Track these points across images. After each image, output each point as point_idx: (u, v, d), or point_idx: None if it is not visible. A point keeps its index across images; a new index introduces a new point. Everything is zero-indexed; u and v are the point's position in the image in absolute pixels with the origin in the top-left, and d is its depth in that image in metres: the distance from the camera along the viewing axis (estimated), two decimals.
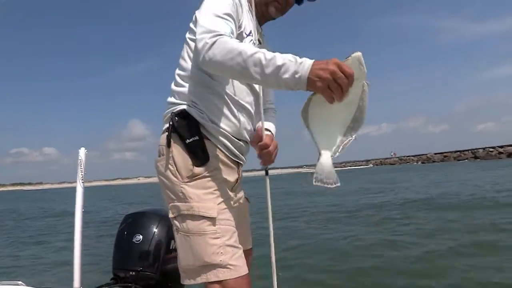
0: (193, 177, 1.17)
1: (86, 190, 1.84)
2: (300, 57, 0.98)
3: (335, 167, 1.04)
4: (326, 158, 1.04)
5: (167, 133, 1.21)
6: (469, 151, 64.05)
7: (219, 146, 1.23)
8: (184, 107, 1.23)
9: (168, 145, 1.20)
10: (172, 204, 1.19)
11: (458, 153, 66.10)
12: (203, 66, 1.14)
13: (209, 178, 1.18)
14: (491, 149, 58.28)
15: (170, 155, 1.20)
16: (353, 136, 1.04)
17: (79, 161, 1.83)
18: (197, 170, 1.18)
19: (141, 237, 1.81)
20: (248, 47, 1.04)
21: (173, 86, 1.29)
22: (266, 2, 1.36)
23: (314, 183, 1.04)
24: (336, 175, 1.04)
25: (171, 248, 1.79)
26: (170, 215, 1.19)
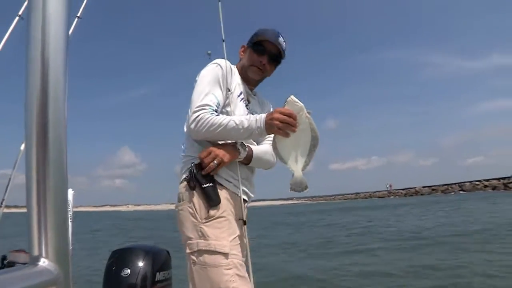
0: (209, 218, 1.37)
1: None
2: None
3: (325, 199, 1.32)
4: (297, 174, 1.38)
5: (185, 181, 1.43)
6: (457, 184, 64.96)
7: (230, 189, 1.46)
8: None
9: (192, 189, 1.41)
10: (189, 241, 1.39)
11: (446, 186, 66.75)
12: (193, 137, 1.48)
13: (222, 219, 1.39)
14: (477, 183, 59.21)
15: (191, 199, 1.41)
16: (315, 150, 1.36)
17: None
18: (212, 212, 1.38)
19: (128, 271, 1.94)
20: (223, 119, 1.38)
21: (186, 143, 1.55)
22: (246, 69, 1.64)
23: (290, 191, 1.43)
24: (304, 184, 1.37)
25: (156, 280, 1.94)
26: (187, 251, 1.39)
